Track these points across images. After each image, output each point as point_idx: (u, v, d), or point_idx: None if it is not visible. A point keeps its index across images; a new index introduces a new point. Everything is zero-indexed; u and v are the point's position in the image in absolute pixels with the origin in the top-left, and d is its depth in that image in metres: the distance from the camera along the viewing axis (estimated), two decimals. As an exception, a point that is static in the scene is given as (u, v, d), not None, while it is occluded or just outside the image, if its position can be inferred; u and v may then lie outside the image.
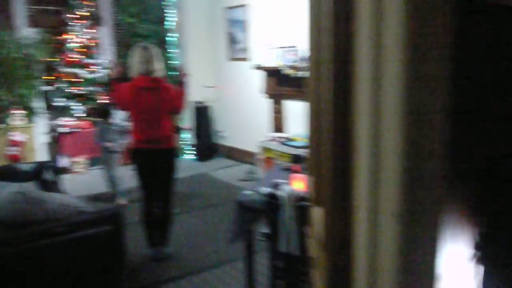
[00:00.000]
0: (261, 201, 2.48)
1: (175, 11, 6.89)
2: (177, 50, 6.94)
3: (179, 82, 3.41)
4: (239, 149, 6.61)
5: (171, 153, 3.38)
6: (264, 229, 2.57)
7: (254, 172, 5.83)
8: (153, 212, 3.36)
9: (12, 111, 5.41)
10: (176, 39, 6.93)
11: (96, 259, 2.69)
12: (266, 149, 5.26)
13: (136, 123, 3.26)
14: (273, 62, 5.41)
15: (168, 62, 6.82)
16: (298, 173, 2.77)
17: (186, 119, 6.97)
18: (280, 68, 5.21)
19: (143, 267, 3.37)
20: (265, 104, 5.84)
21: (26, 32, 5.86)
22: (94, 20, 6.42)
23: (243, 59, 6.23)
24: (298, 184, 2.60)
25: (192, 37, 6.84)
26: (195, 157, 6.90)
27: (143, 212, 3.38)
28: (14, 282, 2.37)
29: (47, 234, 2.47)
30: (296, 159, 2.81)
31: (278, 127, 5.68)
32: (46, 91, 6.18)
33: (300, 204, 2.29)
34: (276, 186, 2.64)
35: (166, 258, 3.42)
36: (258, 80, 5.97)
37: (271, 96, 5.64)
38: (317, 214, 1.29)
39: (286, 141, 5.07)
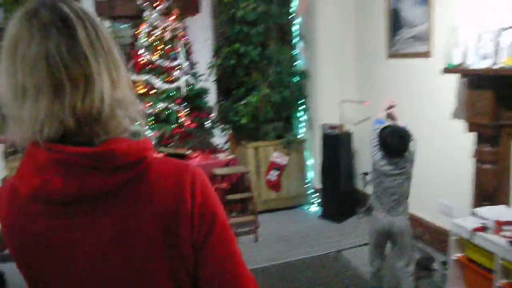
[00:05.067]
0: None
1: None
2: (301, 45, 4.51)
3: None
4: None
5: None
6: None
7: (440, 274, 3.08)
8: None
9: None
10: (300, 27, 4.49)
11: None
12: (467, 242, 2.49)
13: None
14: (490, 60, 2.60)
15: (290, 64, 4.42)
16: None
17: (310, 151, 4.54)
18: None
19: None
20: (463, 140, 3.04)
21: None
22: (183, 4, 4.37)
23: (420, 55, 3.48)
24: None
25: (326, 24, 4.32)
26: (320, 211, 4.40)
27: None
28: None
29: None
30: None
31: (488, 192, 2.82)
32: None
33: None
34: None
35: None
36: (450, 93, 3.18)
37: (477, 126, 2.82)
38: None
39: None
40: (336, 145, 4.17)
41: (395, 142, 2.46)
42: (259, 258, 3.39)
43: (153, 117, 3.96)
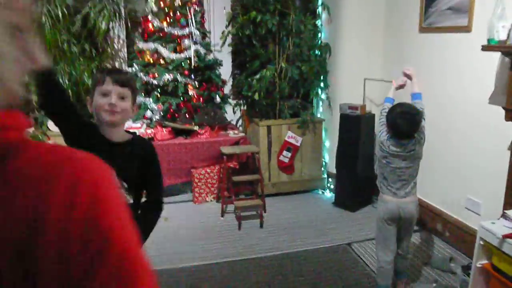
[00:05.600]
0: None
1: None
2: (324, 15, 4.11)
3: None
4: (420, 201, 3.54)
5: None
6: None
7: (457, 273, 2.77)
8: None
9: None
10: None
11: None
12: (494, 249, 2.15)
13: None
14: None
15: (311, 37, 4.03)
16: None
17: (327, 132, 4.21)
18: None
19: None
20: (500, 129, 2.64)
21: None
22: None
23: (457, 29, 3.05)
24: None
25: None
26: (333, 198, 4.10)
27: None
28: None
29: None
30: None
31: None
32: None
33: None
34: None
35: None
36: (489, 75, 2.76)
37: (518, 115, 2.42)
38: None
39: None
40: (356, 127, 3.81)
41: (405, 124, 2.28)
42: (261, 247, 3.14)
43: (159, 89, 3.70)
